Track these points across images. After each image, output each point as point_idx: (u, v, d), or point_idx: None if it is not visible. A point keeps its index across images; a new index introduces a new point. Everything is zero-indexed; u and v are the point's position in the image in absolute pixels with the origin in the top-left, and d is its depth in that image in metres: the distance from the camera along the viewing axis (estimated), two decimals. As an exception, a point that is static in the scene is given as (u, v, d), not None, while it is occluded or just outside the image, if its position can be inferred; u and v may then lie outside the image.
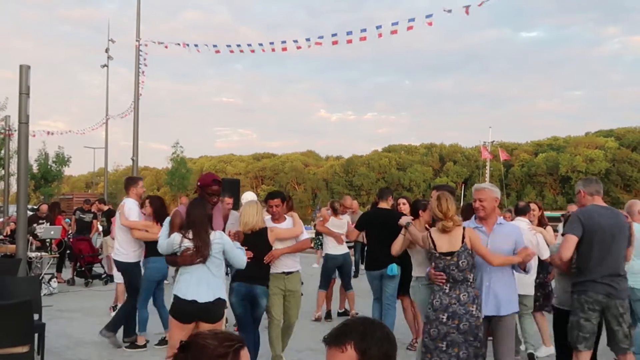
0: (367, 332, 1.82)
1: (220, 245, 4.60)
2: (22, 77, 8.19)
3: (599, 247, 4.65)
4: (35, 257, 11.02)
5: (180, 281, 4.62)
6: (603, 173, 68.69)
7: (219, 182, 5.15)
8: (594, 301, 4.63)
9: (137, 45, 16.17)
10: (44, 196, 30.31)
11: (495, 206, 4.69)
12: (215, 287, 4.58)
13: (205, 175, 5.33)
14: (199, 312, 4.51)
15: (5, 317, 4.93)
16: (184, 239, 4.56)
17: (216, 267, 4.61)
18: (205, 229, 4.57)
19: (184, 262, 4.58)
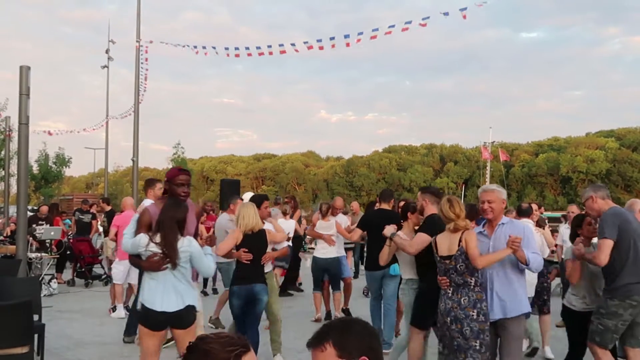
0: (345, 329, 1.86)
1: (187, 253, 4.35)
2: (22, 78, 8.19)
3: (637, 247, 4.64)
4: (35, 258, 11.03)
5: (147, 289, 4.39)
6: (604, 173, 68.64)
7: (185, 171, 4.75)
8: (638, 303, 4.60)
9: (137, 46, 16.17)
10: (44, 197, 30.31)
11: (503, 208, 4.67)
12: (184, 294, 4.37)
13: (171, 169, 4.92)
14: (169, 320, 4.34)
15: (5, 318, 4.93)
16: (151, 243, 4.31)
17: (182, 274, 4.38)
18: (174, 236, 4.31)
19: (150, 268, 4.35)
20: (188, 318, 4.40)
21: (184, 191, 4.63)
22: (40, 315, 6.23)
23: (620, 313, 4.63)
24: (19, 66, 8.06)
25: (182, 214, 4.38)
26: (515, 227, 4.64)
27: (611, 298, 4.69)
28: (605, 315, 4.69)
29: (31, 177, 29.64)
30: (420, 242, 5.35)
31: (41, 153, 31.52)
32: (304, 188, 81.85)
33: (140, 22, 16.38)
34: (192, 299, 4.45)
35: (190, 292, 4.44)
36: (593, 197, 4.91)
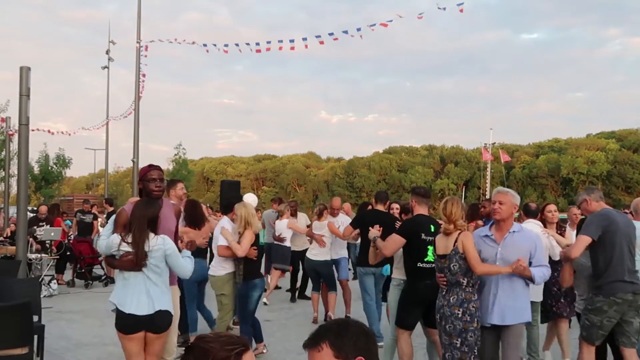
0: (341, 330, 1.87)
1: (161, 251, 4.22)
2: (22, 78, 8.19)
3: (623, 247, 4.86)
4: (35, 259, 11.01)
5: (118, 289, 4.32)
6: (604, 175, 68.61)
7: (156, 167, 4.65)
8: (623, 301, 4.76)
9: (137, 46, 16.17)
10: (44, 197, 30.31)
11: (513, 213, 4.61)
12: (156, 298, 4.22)
13: (142, 167, 4.83)
14: (140, 324, 4.20)
15: (4, 319, 4.92)
16: (123, 242, 4.23)
17: (157, 275, 4.25)
18: (143, 234, 4.19)
19: (121, 267, 4.28)
20: (160, 322, 4.25)
21: (157, 185, 4.54)
22: (40, 316, 6.23)
23: (605, 309, 4.78)
24: (19, 67, 8.06)
25: (153, 212, 4.28)
26: (526, 237, 4.57)
27: (597, 294, 4.87)
28: (591, 312, 4.88)
29: (32, 178, 29.64)
30: (392, 243, 5.43)
31: (42, 154, 31.55)
32: (304, 189, 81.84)
33: (140, 23, 16.38)
34: (165, 303, 4.28)
35: (163, 296, 4.29)
36: (587, 200, 5.14)
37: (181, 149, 42.19)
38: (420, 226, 5.43)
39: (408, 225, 5.58)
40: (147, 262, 4.19)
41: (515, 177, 73.13)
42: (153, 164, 4.69)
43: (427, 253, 5.36)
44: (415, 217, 5.62)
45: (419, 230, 5.39)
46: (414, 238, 5.37)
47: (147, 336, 4.25)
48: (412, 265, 5.42)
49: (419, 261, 5.37)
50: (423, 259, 5.37)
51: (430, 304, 5.33)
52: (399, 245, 5.38)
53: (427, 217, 5.57)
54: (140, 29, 16.30)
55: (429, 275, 5.29)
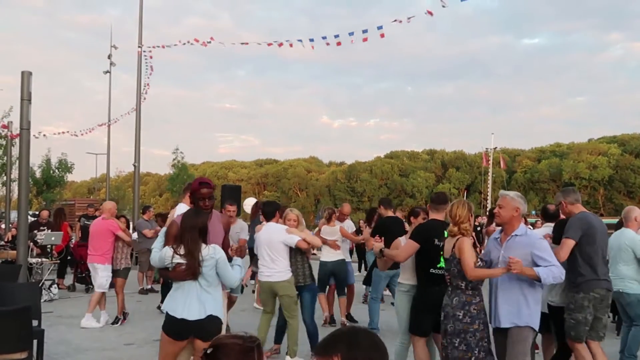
0: (354, 343, 1.84)
1: (212, 261, 4.30)
2: (24, 83, 8.21)
3: (599, 248, 5.20)
4: (36, 263, 11.01)
5: (172, 297, 4.40)
6: (606, 180, 68.53)
7: (207, 184, 4.76)
8: (599, 297, 5.15)
9: (139, 51, 16.20)
10: (45, 202, 30.31)
11: (514, 216, 4.53)
12: (207, 303, 4.29)
13: (194, 180, 5.01)
14: (191, 329, 4.27)
15: (3, 323, 4.91)
16: (175, 255, 4.30)
17: (209, 283, 4.34)
18: (196, 245, 4.26)
19: (175, 278, 4.35)
20: (210, 328, 4.26)
21: (205, 205, 4.68)
22: (39, 320, 6.20)
23: (586, 305, 5.15)
24: (21, 72, 8.08)
25: (203, 221, 4.36)
26: (527, 240, 4.48)
27: (577, 292, 5.18)
28: (575, 310, 5.18)
29: (33, 182, 29.66)
30: (406, 249, 5.40)
31: (44, 158, 31.55)
32: (306, 194, 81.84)
33: (142, 28, 16.42)
34: (215, 309, 4.34)
35: (214, 302, 4.35)
36: (563, 203, 5.40)
37: (179, 153, 42.11)
38: (434, 231, 5.35)
39: (421, 230, 5.49)
40: (201, 270, 4.26)
41: (517, 182, 73.07)
42: (205, 181, 4.80)
43: (440, 259, 5.27)
44: (428, 221, 5.56)
45: (432, 235, 5.32)
46: (428, 243, 5.29)
47: (197, 343, 4.27)
48: (424, 271, 5.35)
49: (431, 267, 5.30)
50: (436, 265, 5.28)
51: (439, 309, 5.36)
52: (413, 250, 5.31)
53: (441, 222, 5.46)
54: (142, 34, 16.34)
55: (441, 282, 5.25)
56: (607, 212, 63.36)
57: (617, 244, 6.02)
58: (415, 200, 72.91)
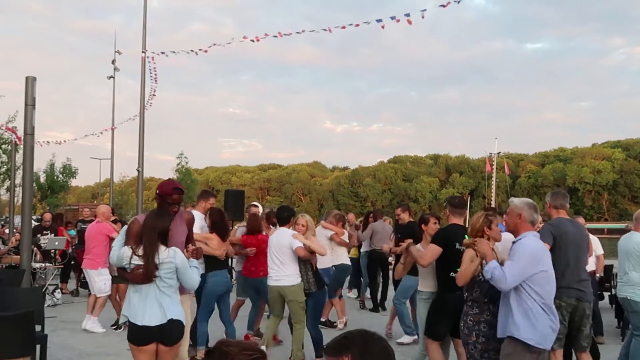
0: (366, 346, 1.85)
1: (172, 264, 4.22)
2: (28, 88, 8.22)
3: (570, 256, 5.16)
4: (40, 268, 11.02)
5: (130, 302, 4.28)
6: (610, 184, 68.30)
7: (180, 191, 4.63)
8: (567, 305, 5.10)
9: (143, 56, 16.24)
10: (50, 206, 30.41)
11: (517, 222, 4.33)
12: (167, 308, 4.20)
13: (165, 182, 4.80)
14: (153, 335, 4.18)
15: (6, 328, 4.90)
16: (134, 255, 4.22)
17: (169, 286, 4.25)
18: (153, 247, 4.18)
19: (133, 280, 4.25)
20: (172, 333, 4.23)
21: (174, 210, 4.60)
22: (42, 325, 6.20)
23: None
24: (25, 77, 8.10)
25: (164, 224, 4.27)
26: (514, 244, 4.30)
27: None
28: None
29: (38, 187, 29.75)
30: (430, 253, 5.39)
31: (48, 163, 31.69)
32: (309, 199, 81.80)
33: (146, 33, 16.46)
34: (177, 312, 4.27)
35: (175, 306, 4.28)
36: (548, 203, 5.48)
37: (183, 158, 42.25)
38: (455, 235, 5.35)
39: (443, 234, 5.49)
40: (158, 273, 4.19)
41: (521, 187, 72.94)
42: (178, 187, 4.68)
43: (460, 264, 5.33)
44: (449, 226, 5.57)
45: (453, 239, 5.32)
46: (449, 247, 5.30)
47: (159, 348, 4.22)
48: (444, 275, 5.34)
49: (451, 271, 5.26)
50: (455, 269, 5.21)
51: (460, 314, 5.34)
52: (436, 255, 5.31)
53: (461, 226, 5.50)
54: (146, 40, 16.38)
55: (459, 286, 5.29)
56: (611, 216, 63.12)
57: (625, 248, 5.92)
58: (418, 205, 72.85)
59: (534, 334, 4.06)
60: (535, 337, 4.07)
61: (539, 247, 4.22)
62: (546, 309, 4.11)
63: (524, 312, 4.12)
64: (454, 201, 5.71)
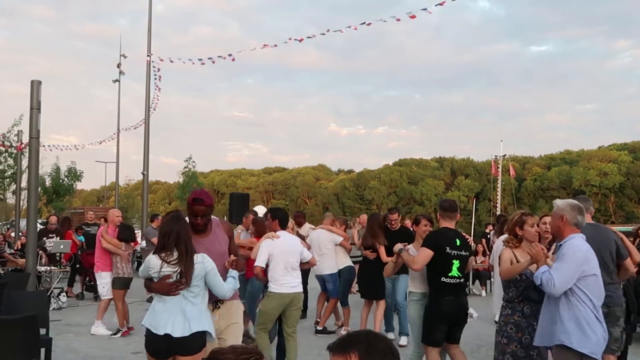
0: (372, 344, 1.88)
1: (202, 270, 4.00)
2: (33, 92, 8.27)
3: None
4: (45, 272, 11.04)
5: (152, 311, 4.04)
6: (617, 187, 67.98)
7: (201, 201, 4.27)
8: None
9: (148, 60, 16.30)
10: (55, 210, 30.48)
11: (560, 225, 4.10)
12: (192, 318, 3.95)
13: (192, 192, 4.57)
14: (173, 346, 3.93)
15: (11, 332, 4.90)
16: (164, 264, 3.96)
17: (194, 294, 4.00)
18: (192, 249, 3.98)
19: (160, 291, 4.00)
20: (193, 344, 3.95)
21: (197, 222, 4.30)
22: (47, 329, 6.20)
23: None
24: (30, 81, 8.14)
25: (185, 226, 4.08)
26: (565, 247, 4.06)
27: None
28: None
29: (43, 191, 29.82)
30: (422, 257, 5.31)
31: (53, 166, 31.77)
32: (314, 202, 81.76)
33: (151, 37, 16.52)
34: (201, 323, 3.99)
35: (199, 315, 4.01)
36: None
37: (191, 161, 42.32)
38: (446, 239, 5.32)
39: (434, 237, 5.44)
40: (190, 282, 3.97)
41: (527, 189, 72.69)
42: (198, 197, 4.29)
43: (452, 268, 5.24)
44: (440, 229, 5.51)
45: (444, 243, 5.28)
46: (439, 251, 5.24)
47: (178, 358, 3.97)
48: (436, 279, 5.29)
49: (443, 276, 5.24)
50: (447, 274, 5.24)
51: (455, 320, 5.30)
52: (428, 258, 5.24)
53: (453, 230, 5.44)
54: (151, 43, 16.43)
55: (452, 291, 5.24)
56: (618, 219, 62.79)
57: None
58: (424, 208, 72.64)
59: (588, 343, 3.81)
60: (590, 346, 3.82)
61: (587, 249, 3.99)
62: (598, 316, 3.89)
63: (575, 319, 3.86)
64: (444, 205, 5.62)
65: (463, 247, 5.36)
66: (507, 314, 4.53)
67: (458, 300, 5.28)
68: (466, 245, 5.43)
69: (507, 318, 4.52)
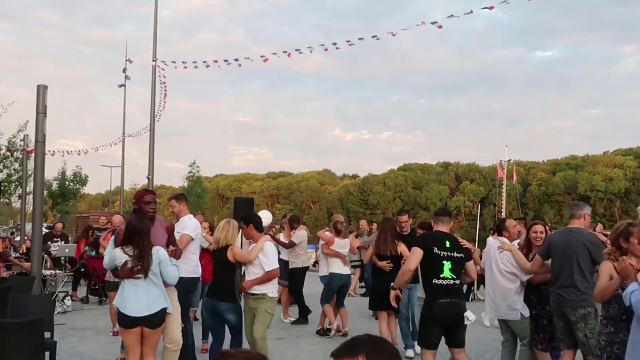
0: (378, 346, 1.90)
1: (156, 260, 4.98)
2: (39, 96, 8.29)
3: (556, 264, 5.36)
4: (50, 275, 11.06)
5: (122, 295, 4.99)
6: (622, 192, 67.71)
7: (150, 191, 5.68)
8: (552, 307, 5.43)
9: (153, 65, 16.36)
10: (60, 214, 30.58)
11: None
12: (155, 299, 4.98)
13: (138, 191, 5.81)
14: (140, 321, 4.95)
15: (15, 335, 4.92)
16: (123, 254, 4.94)
17: (156, 278, 5.00)
18: (148, 245, 4.94)
19: (124, 275, 4.95)
20: (156, 320, 5.00)
21: (152, 208, 5.44)
22: (52, 332, 6.21)
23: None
24: (36, 85, 8.17)
25: (147, 225, 5.04)
26: None
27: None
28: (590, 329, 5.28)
29: (49, 195, 29.91)
30: (413, 256, 5.43)
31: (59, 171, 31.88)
32: (318, 206, 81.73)
33: (156, 42, 16.58)
34: (162, 303, 5.04)
35: (161, 296, 5.05)
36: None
37: (195, 166, 42.41)
38: (434, 240, 5.44)
39: (423, 237, 5.75)
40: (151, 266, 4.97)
41: (532, 195, 72.47)
42: (148, 190, 5.78)
43: (443, 269, 5.29)
44: (431, 232, 5.68)
45: (432, 243, 5.38)
46: (427, 251, 5.34)
47: (144, 330, 5.00)
48: (429, 282, 5.37)
49: (434, 277, 5.30)
50: (439, 275, 5.29)
51: (450, 322, 5.29)
52: (419, 256, 5.35)
53: (443, 233, 5.53)
54: (157, 48, 16.50)
55: (445, 293, 5.26)
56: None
57: None
58: (429, 213, 72.54)
59: None
60: None
61: None
62: None
63: None
64: (436, 210, 5.93)
65: (454, 248, 5.42)
66: (611, 332, 4.13)
67: (452, 302, 5.27)
68: (458, 247, 5.48)
69: (612, 337, 4.11)
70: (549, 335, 5.65)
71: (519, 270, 5.72)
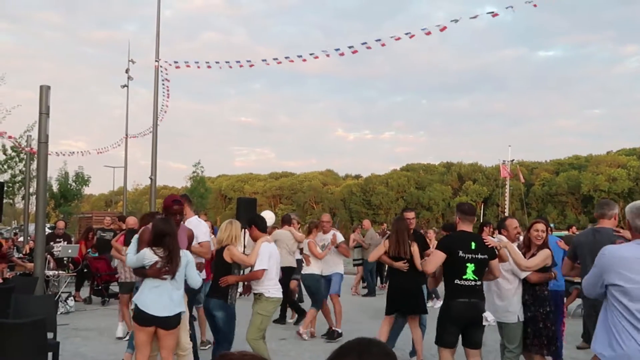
0: (364, 350, 1.86)
1: (184, 261, 5.08)
2: (42, 97, 8.30)
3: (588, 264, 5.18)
4: (53, 276, 11.07)
5: (145, 294, 5.02)
6: (626, 192, 67.52)
7: (179, 202, 5.73)
8: None
9: (156, 65, 16.36)
10: (63, 215, 30.63)
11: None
12: (176, 301, 5.06)
13: (167, 197, 5.84)
14: (156, 321, 4.98)
15: (18, 336, 4.92)
16: (155, 255, 4.99)
17: (178, 282, 5.07)
18: (177, 247, 5.05)
19: (152, 275, 5.01)
20: (173, 322, 5.05)
21: (177, 220, 5.62)
22: (55, 333, 6.21)
23: None
24: (39, 86, 8.18)
25: (174, 228, 5.16)
26: None
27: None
28: None
29: (51, 196, 29.96)
30: (433, 259, 5.40)
31: (61, 171, 31.94)
32: (321, 207, 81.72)
33: (159, 42, 16.59)
34: (182, 306, 5.14)
35: (181, 300, 5.15)
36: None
37: (199, 167, 42.46)
38: (460, 242, 5.32)
39: (447, 240, 5.60)
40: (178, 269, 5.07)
41: (535, 195, 72.33)
42: (177, 199, 5.75)
43: (466, 271, 5.23)
44: (456, 232, 5.54)
45: (457, 246, 5.29)
46: (452, 254, 5.27)
47: (158, 332, 5.01)
48: (450, 282, 5.34)
49: (456, 278, 5.26)
50: (461, 277, 5.24)
51: (468, 322, 5.27)
52: (439, 260, 5.31)
53: (469, 233, 5.43)
54: (159, 49, 16.50)
55: (465, 293, 5.23)
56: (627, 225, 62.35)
57: None
58: (431, 213, 72.48)
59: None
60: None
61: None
62: None
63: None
64: (463, 207, 5.61)
65: (479, 250, 5.28)
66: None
67: (471, 302, 5.24)
68: (483, 248, 5.32)
69: None
70: (547, 339, 5.58)
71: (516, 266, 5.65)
